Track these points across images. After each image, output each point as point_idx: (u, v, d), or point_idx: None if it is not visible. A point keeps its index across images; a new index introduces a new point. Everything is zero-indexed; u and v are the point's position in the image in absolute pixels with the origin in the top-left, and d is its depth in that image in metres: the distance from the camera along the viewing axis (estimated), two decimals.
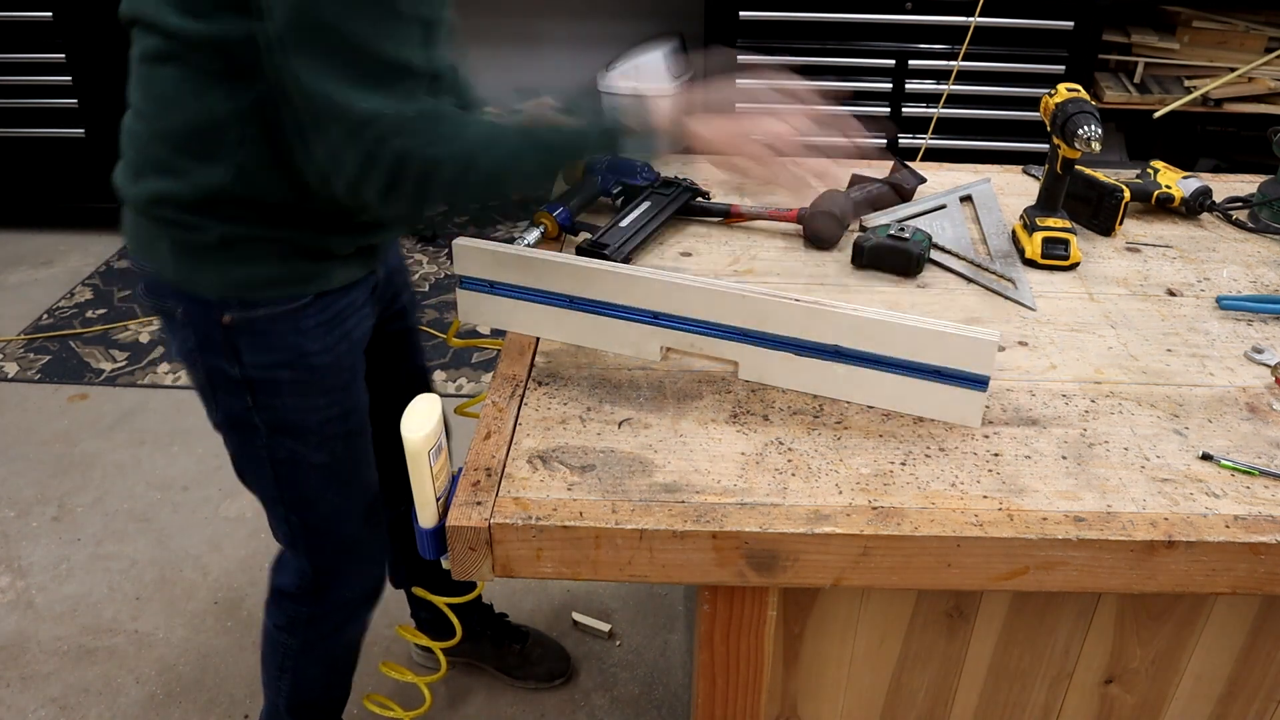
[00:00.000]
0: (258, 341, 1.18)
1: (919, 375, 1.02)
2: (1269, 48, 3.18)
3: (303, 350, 1.20)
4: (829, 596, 1.02)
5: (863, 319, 1.03)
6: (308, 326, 1.20)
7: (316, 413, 1.25)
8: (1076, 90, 1.33)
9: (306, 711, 1.56)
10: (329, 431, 1.27)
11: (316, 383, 1.23)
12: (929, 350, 1.01)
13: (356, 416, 1.31)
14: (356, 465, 1.33)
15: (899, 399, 1.04)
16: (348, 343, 1.26)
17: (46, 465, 2.51)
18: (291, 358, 1.20)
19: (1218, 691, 1.09)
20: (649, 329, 1.12)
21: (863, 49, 3.14)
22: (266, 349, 1.19)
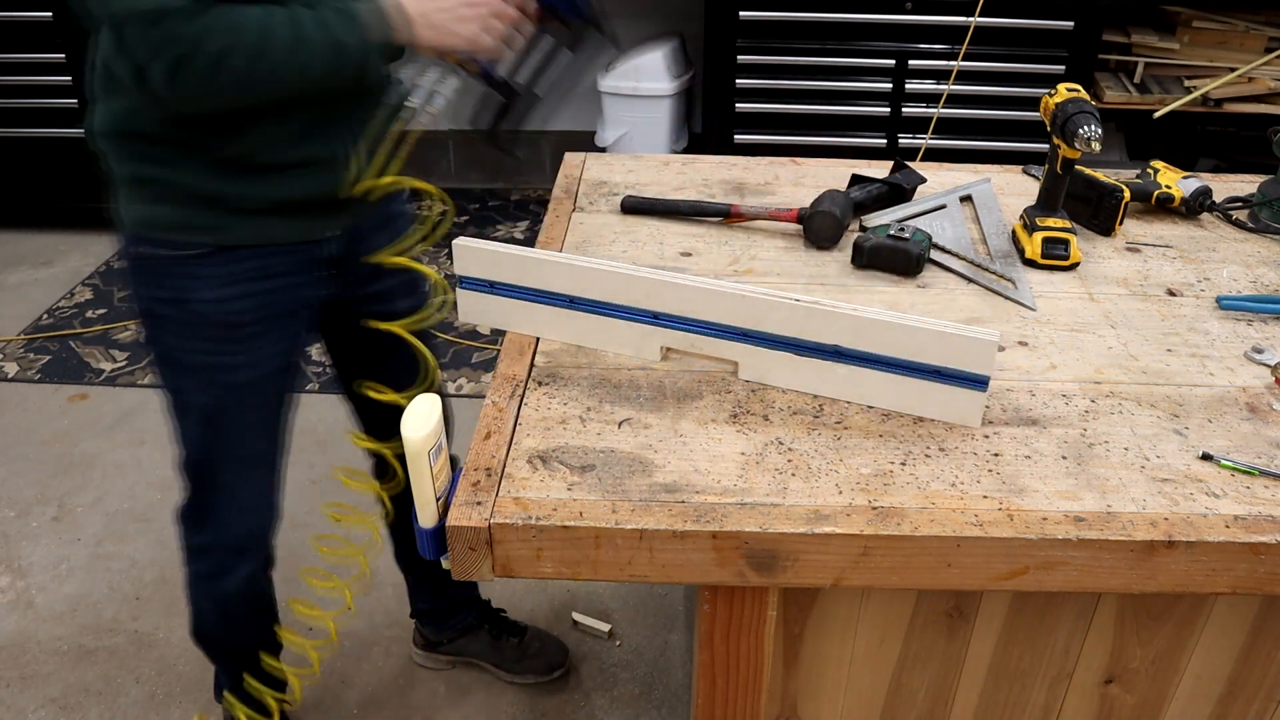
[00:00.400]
0: (152, 277, 1.28)
1: (919, 375, 1.02)
2: (1269, 48, 3.18)
3: (190, 295, 1.27)
4: (829, 596, 1.02)
5: (863, 319, 1.03)
6: (201, 274, 1.27)
7: (198, 355, 1.32)
8: (1076, 90, 1.33)
9: (210, 645, 1.65)
10: (211, 377, 1.33)
11: (199, 329, 1.29)
12: (929, 350, 1.01)
13: (251, 373, 1.34)
14: (241, 417, 1.37)
15: (899, 399, 1.04)
16: (254, 301, 1.30)
17: (46, 465, 2.51)
18: (177, 297, 1.28)
19: (1218, 691, 1.09)
20: (649, 329, 1.12)
21: (863, 49, 3.14)
22: (156, 285, 1.28)
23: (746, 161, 1.69)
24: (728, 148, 3.28)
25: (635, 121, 3.53)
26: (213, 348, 1.31)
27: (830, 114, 3.24)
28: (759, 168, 1.66)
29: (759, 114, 3.25)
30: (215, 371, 1.33)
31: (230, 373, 1.33)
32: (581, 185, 1.59)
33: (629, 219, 1.48)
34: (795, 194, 1.56)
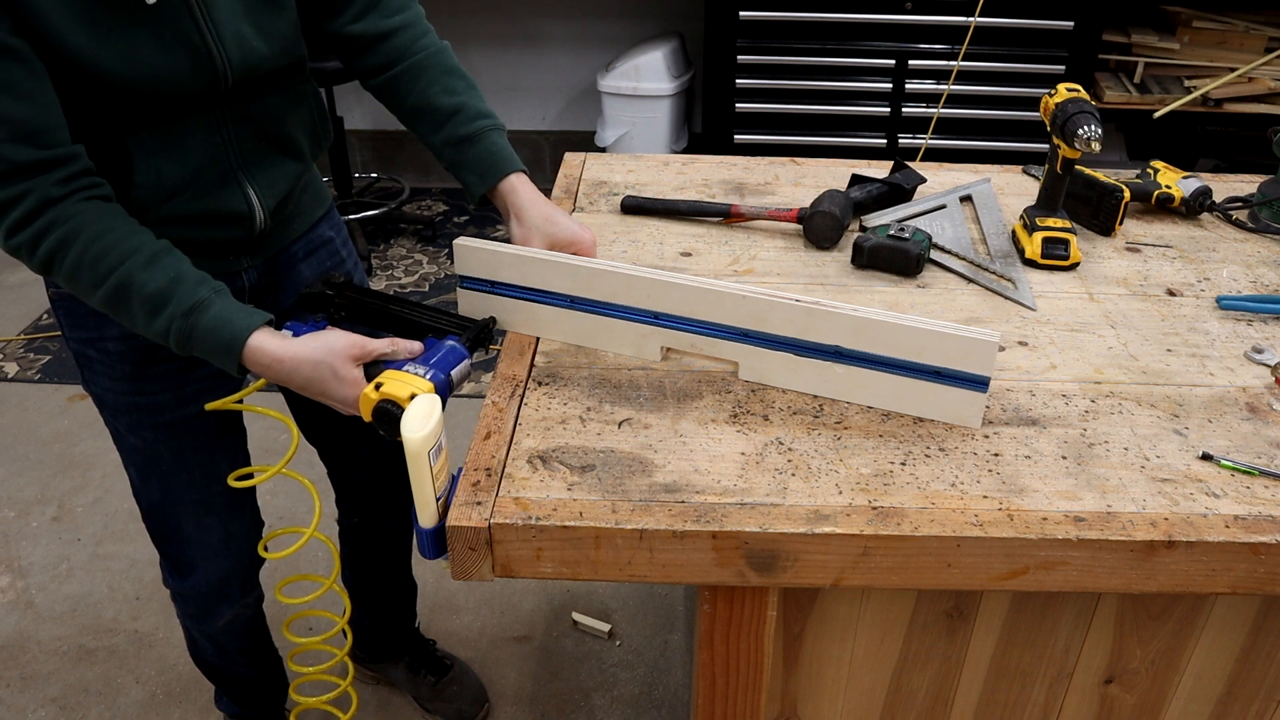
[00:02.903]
0: (71, 318, 1.24)
1: (919, 375, 1.02)
2: (1269, 48, 3.18)
3: (103, 334, 1.23)
4: (829, 596, 1.02)
5: (863, 319, 1.03)
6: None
7: (121, 396, 1.27)
8: (1076, 90, 1.33)
9: (207, 669, 1.64)
10: (139, 418, 1.28)
11: (117, 368, 1.24)
12: (929, 351, 1.01)
13: (179, 412, 1.28)
14: (179, 458, 1.32)
15: (899, 399, 1.04)
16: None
17: (46, 465, 2.51)
18: (93, 337, 1.23)
19: (1218, 691, 1.09)
20: (649, 329, 1.12)
21: (863, 49, 3.14)
22: (75, 326, 1.24)
23: (746, 161, 1.69)
24: (728, 148, 3.28)
25: (635, 121, 3.53)
26: (133, 387, 1.25)
27: (830, 114, 3.24)
28: (759, 168, 1.67)
29: (759, 114, 3.25)
30: (141, 411, 1.27)
31: (156, 413, 1.28)
32: (581, 185, 1.59)
33: (629, 219, 1.48)
34: (795, 194, 1.56)
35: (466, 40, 3.74)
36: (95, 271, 1.03)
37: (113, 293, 1.03)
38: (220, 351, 1.04)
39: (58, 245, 1.02)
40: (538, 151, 4.11)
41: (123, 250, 1.03)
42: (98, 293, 1.04)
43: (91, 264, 1.03)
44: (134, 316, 1.05)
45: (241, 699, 1.71)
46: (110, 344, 1.22)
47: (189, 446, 1.32)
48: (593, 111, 3.69)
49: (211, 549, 1.41)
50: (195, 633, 1.55)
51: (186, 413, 1.29)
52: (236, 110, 1.16)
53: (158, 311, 1.03)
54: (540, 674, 1.95)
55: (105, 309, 1.06)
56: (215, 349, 1.04)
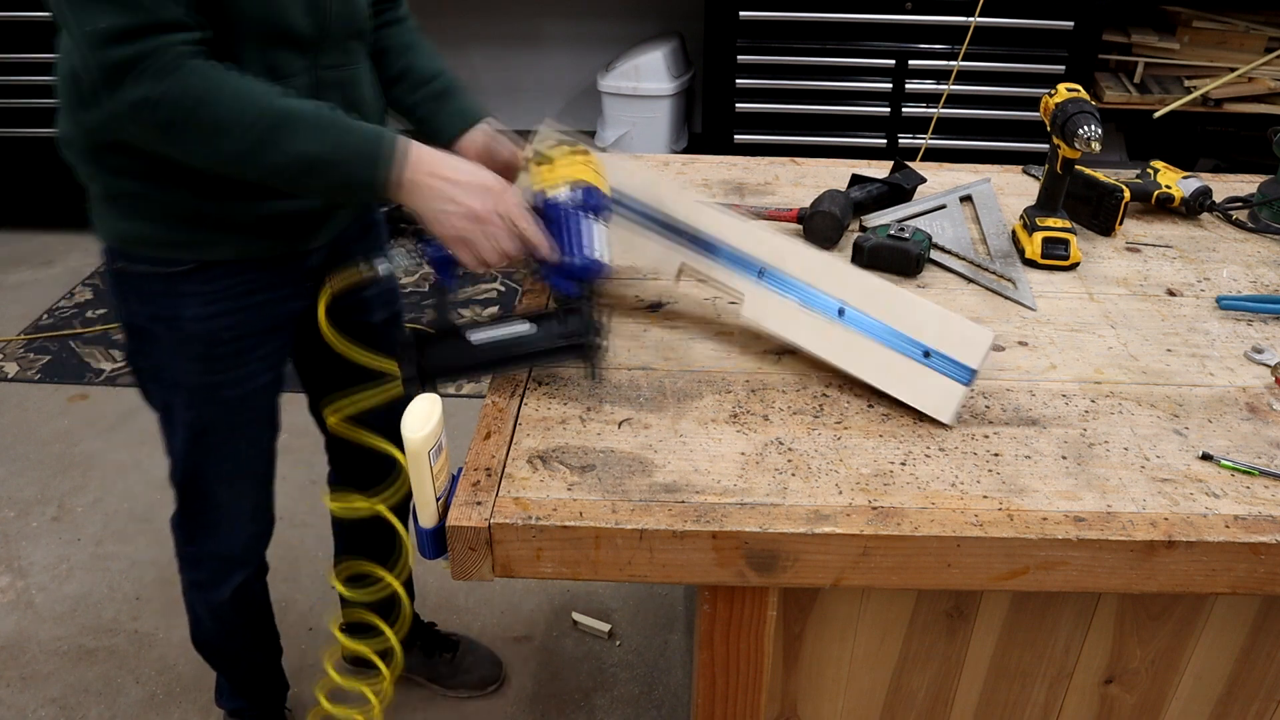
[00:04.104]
0: (138, 293, 1.25)
1: (910, 352, 1.04)
2: (1269, 48, 3.18)
3: (176, 313, 1.24)
4: (829, 596, 1.02)
5: (875, 282, 1.06)
6: (186, 292, 1.24)
7: (187, 374, 1.29)
8: (1076, 90, 1.33)
9: (210, 652, 1.65)
10: (200, 395, 1.30)
11: (188, 348, 1.26)
12: (928, 328, 1.03)
13: (240, 389, 1.32)
14: (231, 433, 1.35)
15: (883, 374, 1.05)
16: (239, 317, 1.27)
17: (46, 465, 2.51)
18: (165, 315, 1.25)
19: (1218, 691, 1.09)
20: (671, 245, 1.14)
21: (863, 49, 3.14)
22: (144, 301, 1.25)
23: (746, 161, 1.69)
24: (728, 148, 3.28)
25: (635, 121, 3.53)
26: (202, 367, 1.28)
27: (830, 114, 3.24)
28: (759, 168, 1.66)
29: (759, 114, 3.25)
30: (204, 389, 1.30)
31: (218, 390, 1.31)
32: None
33: None
34: (795, 194, 1.56)
35: (466, 40, 3.74)
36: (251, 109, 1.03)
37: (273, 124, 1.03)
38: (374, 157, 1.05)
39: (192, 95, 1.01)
40: None
41: (268, 89, 1.05)
42: (253, 131, 1.03)
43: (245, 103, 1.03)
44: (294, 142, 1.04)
45: (243, 687, 1.71)
46: (186, 324, 1.25)
47: (242, 421, 1.36)
48: (593, 111, 3.69)
49: (240, 515, 1.45)
50: (200, 609, 1.56)
51: (245, 389, 1.33)
52: (329, 76, 1.20)
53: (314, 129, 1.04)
54: (540, 674, 1.95)
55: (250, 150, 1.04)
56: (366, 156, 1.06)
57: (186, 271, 1.22)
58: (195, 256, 1.21)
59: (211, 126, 1.03)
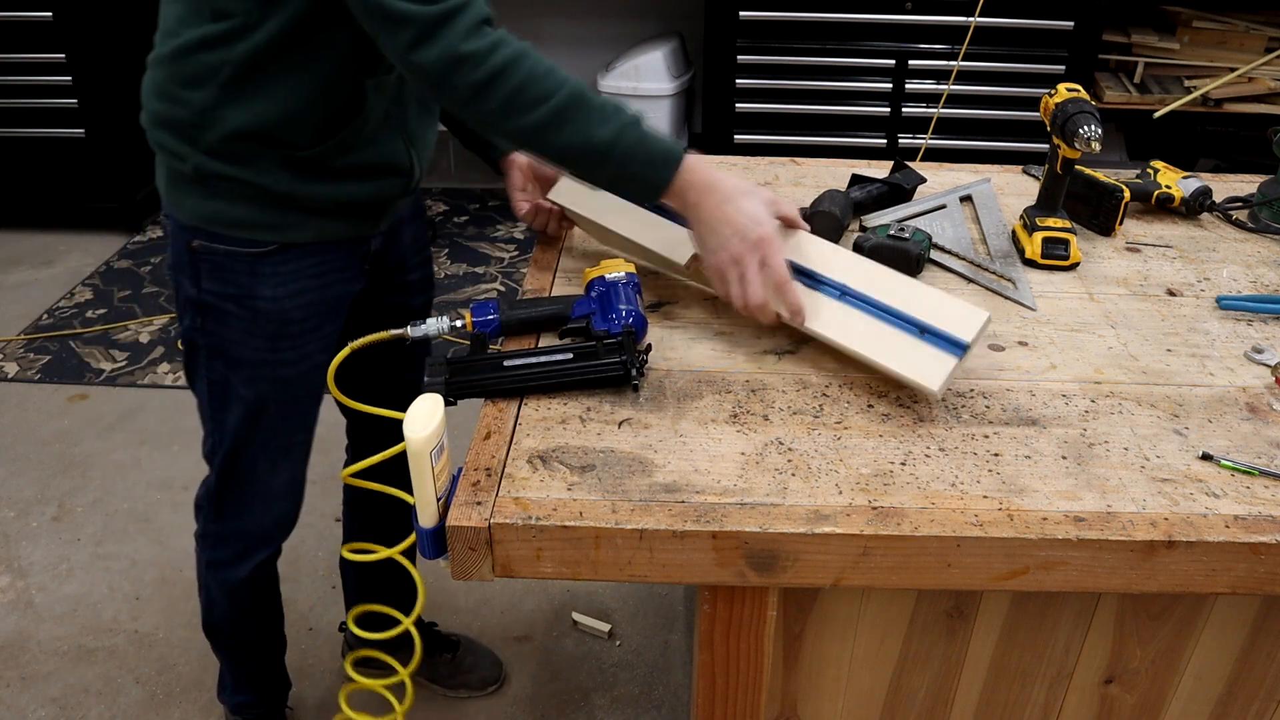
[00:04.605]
0: (215, 272, 1.27)
1: (906, 328, 1.07)
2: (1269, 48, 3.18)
3: (253, 292, 1.28)
4: (829, 596, 1.02)
5: (876, 268, 1.12)
6: (264, 272, 1.27)
7: (253, 352, 1.32)
8: (1076, 90, 1.33)
9: (220, 638, 1.65)
10: (262, 373, 1.33)
11: (260, 325, 1.30)
12: (926, 305, 1.07)
13: (298, 368, 1.35)
14: (283, 411, 1.39)
15: (876, 345, 1.08)
16: (309, 298, 1.31)
17: (46, 465, 2.51)
18: (240, 294, 1.28)
19: (1218, 691, 1.09)
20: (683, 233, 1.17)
21: (863, 49, 3.14)
22: (220, 280, 1.28)
23: (746, 161, 1.69)
24: (728, 148, 3.28)
25: None
26: (269, 345, 1.32)
27: (830, 114, 3.24)
28: (759, 168, 1.66)
29: (759, 114, 3.25)
30: (267, 367, 1.33)
31: (280, 368, 1.34)
32: None
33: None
34: (795, 194, 1.56)
35: None
36: (549, 82, 1.06)
37: (567, 101, 1.06)
38: (662, 157, 1.09)
39: (512, 57, 1.06)
40: None
41: (565, 74, 1.09)
42: (545, 105, 1.06)
43: (545, 75, 1.07)
44: (579, 127, 1.07)
45: (249, 679, 1.71)
46: (261, 303, 1.28)
47: (296, 398, 1.39)
48: None
49: (275, 492, 1.47)
50: (215, 591, 1.56)
51: (304, 368, 1.36)
52: None
53: (610, 118, 1.07)
54: (540, 674, 1.95)
55: (541, 125, 1.07)
56: (658, 155, 1.09)
57: (267, 253, 1.26)
58: (278, 239, 1.26)
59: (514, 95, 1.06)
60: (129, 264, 3.50)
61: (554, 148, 1.09)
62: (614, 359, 1.07)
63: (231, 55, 1.15)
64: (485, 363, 1.09)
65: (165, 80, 1.21)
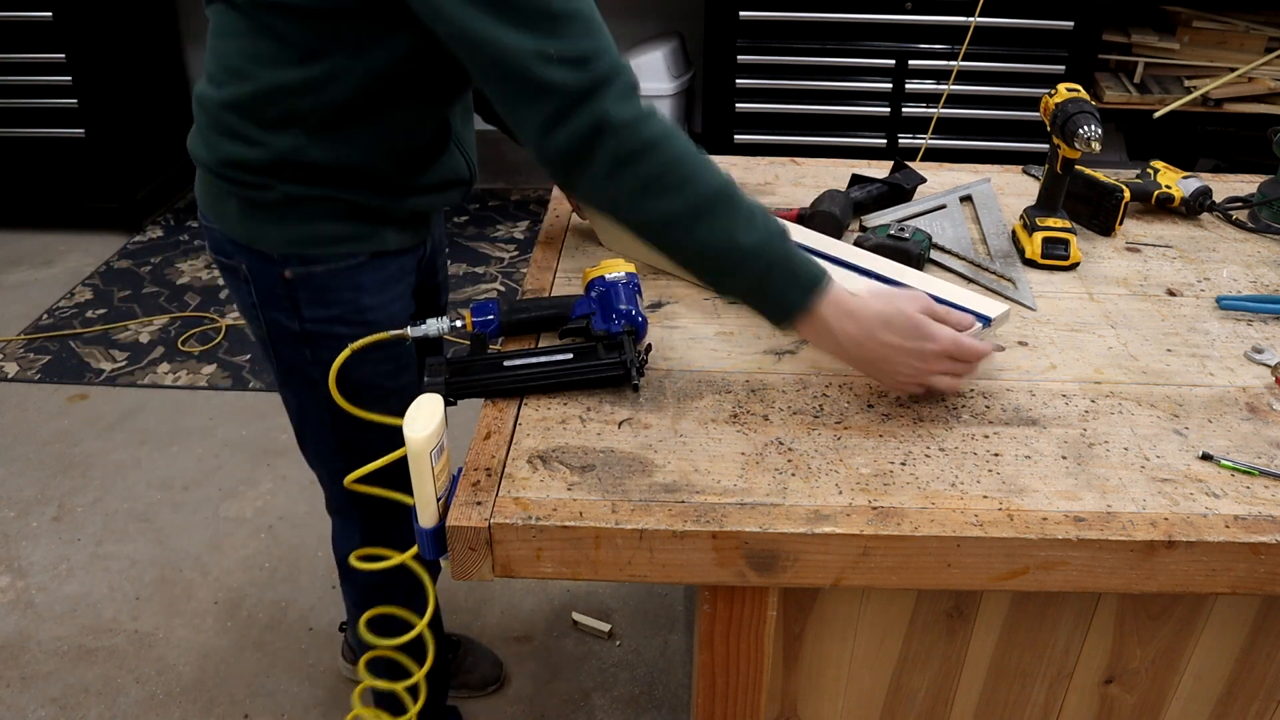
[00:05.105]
0: (316, 296, 1.24)
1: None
2: (1269, 48, 3.18)
3: (359, 305, 1.25)
4: (829, 596, 1.02)
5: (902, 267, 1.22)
6: (363, 283, 1.25)
7: (372, 366, 1.27)
8: (1076, 90, 1.33)
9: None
10: (385, 386, 1.30)
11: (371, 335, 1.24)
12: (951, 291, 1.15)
13: (408, 374, 1.35)
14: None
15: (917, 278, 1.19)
16: (401, 304, 1.30)
17: (46, 465, 2.51)
18: (348, 312, 1.25)
19: (1218, 691, 1.09)
20: None
21: (863, 49, 3.14)
22: (324, 303, 1.24)
23: (746, 161, 1.69)
24: (728, 148, 3.28)
25: None
26: (384, 355, 1.28)
27: (830, 114, 3.24)
28: (759, 168, 1.66)
29: (759, 114, 3.25)
30: (387, 378, 1.31)
31: (397, 376, 1.32)
32: None
33: None
34: (795, 194, 1.56)
35: None
36: (701, 168, 0.97)
37: (713, 195, 0.97)
38: (803, 280, 0.99)
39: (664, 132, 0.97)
40: None
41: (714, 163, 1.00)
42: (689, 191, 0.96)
43: (696, 159, 0.98)
44: (723, 225, 0.97)
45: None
46: (370, 314, 1.26)
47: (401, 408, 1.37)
48: None
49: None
50: None
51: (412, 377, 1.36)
52: None
53: (758, 224, 0.98)
54: (540, 674, 1.95)
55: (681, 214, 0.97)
56: (798, 276, 0.99)
57: (362, 263, 1.24)
58: (370, 248, 1.24)
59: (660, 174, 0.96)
60: (129, 264, 3.50)
61: (689, 242, 0.98)
62: (614, 359, 1.07)
63: (320, 101, 1.10)
64: (485, 363, 1.09)
65: (239, 123, 1.14)
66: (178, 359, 2.95)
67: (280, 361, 1.31)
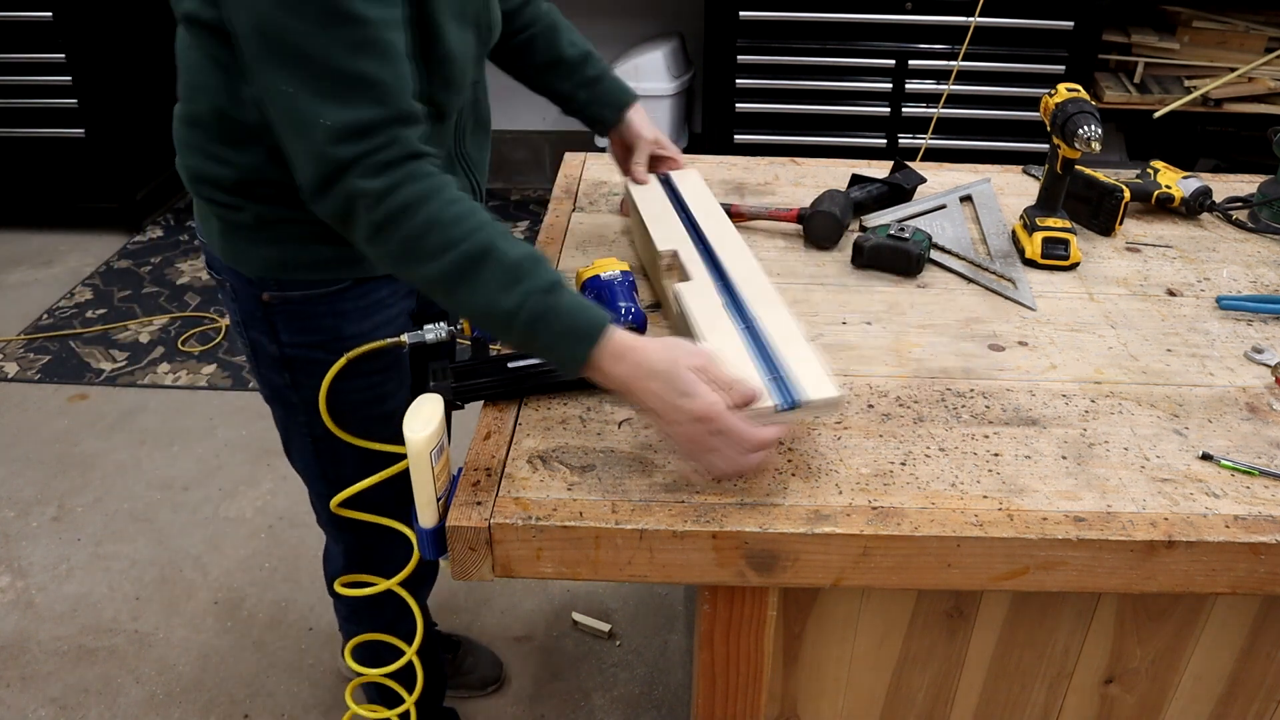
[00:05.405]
0: (294, 322, 1.21)
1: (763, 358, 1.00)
2: (1269, 48, 3.18)
3: (338, 333, 1.22)
4: (829, 596, 1.02)
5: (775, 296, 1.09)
6: (345, 310, 1.21)
7: (354, 394, 1.24)
8: (1076, 90, 1.33)
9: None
10: (366, 414, 1.26)
11: (351, 366, 1.21)
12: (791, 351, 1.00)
13: (395, 401, 1.31)
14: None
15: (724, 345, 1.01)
16: (393, 327, 1.26)
17: (46, 465, 2.51)
18: (326, 339, 1.22)
19: (1218, 691, 1.09)
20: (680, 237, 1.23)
21: (863, 49, 3.14)
22: (302, 329, 1.21)
23: (746, 161, 1.69)
24: (728, 148, 3.28)
25: None
26: (366, 383, 1.25)
27: (830, 114, 3.24)
28: (759, 168, 1.66)
29: (759, 114, 3.25)
30: (369, 406, 1.27)
31: (381, 404, 1.29)
32: (581, 185, 1.59)
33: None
34: (795, 194, 1.56)
35: None
36: (451, 233, 0.95)
37: (467, 258, 0.94)
38: (576, 335, 0.94)
39: (412, 199, 0.95)
40: (538, 152, 4.11)
41: (481, 219, 0.96)
42: (445, 257, 0.94)
43: (448, 224, 0.95)
44: (480, 287, 0.94)
45: None
46: (349, 342, 1.20)
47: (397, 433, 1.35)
48: None
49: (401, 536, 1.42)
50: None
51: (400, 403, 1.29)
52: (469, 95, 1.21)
53: (515, 283, 0.93)
54: (540, 674, 1.95)
55: (441, 278, 0.95)
56: (571, 330, 0.94)
57: (344, 289, 1.20)
58: (352, 274, 1.19)
59: (415, 239, 0.95)
60: (129, 264, 3.50)
61: (454, 304, 0.97)
62: None
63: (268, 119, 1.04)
64: (489, 365, 1.09)
65: (203, 140, 1.12)
66: (178, 359, 2.95)
67: (262, 381, 1.29)
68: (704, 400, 0.89)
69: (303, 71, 0.93)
